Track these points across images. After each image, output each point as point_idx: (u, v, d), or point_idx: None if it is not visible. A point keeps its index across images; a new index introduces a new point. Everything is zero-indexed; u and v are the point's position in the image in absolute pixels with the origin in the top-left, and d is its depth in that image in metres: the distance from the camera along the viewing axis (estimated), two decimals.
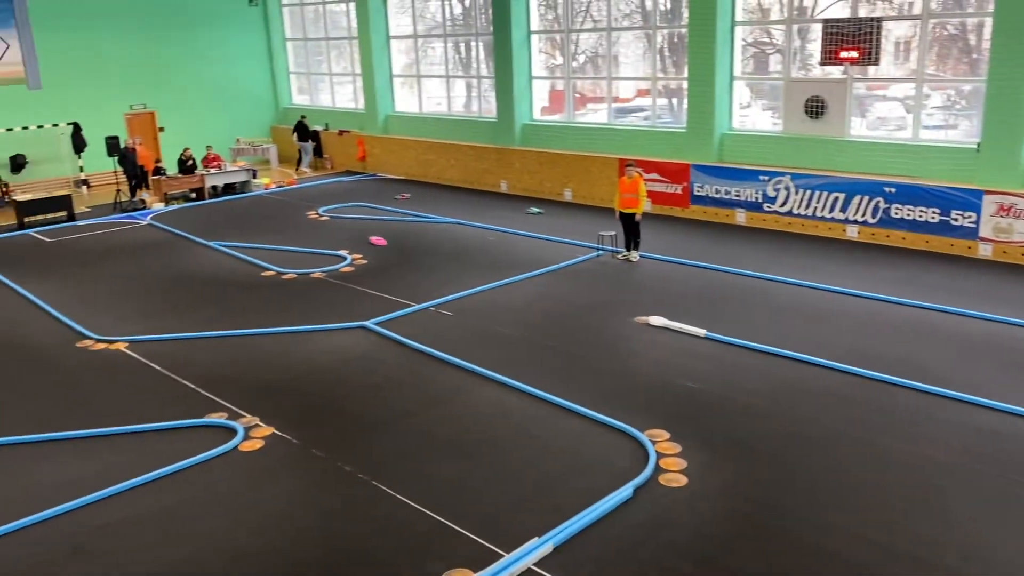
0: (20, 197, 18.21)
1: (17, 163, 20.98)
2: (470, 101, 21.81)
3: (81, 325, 11.11)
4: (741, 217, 15.55)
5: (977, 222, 12.75)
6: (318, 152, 24.21)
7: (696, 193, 16.13)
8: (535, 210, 17.21)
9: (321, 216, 17.56)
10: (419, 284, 12.47)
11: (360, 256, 14.12)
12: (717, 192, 15.83)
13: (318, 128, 24.30)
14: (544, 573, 5.68)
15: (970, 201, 12.78)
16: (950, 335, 9.73)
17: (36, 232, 17.21)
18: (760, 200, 15.21)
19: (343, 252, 14.34)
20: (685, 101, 16.54)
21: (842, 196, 14.13)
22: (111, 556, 6.09)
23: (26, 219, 17.71)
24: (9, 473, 7.35)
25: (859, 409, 7.97)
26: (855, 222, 14.09)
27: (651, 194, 15.88)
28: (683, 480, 6.80)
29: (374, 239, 12.80)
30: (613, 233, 13.73)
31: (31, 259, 15.01)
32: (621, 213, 13.40)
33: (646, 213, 13.43)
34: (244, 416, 8.24)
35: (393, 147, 22.52)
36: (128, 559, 6.05)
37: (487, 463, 7.25)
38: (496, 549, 5.94)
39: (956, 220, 12.98)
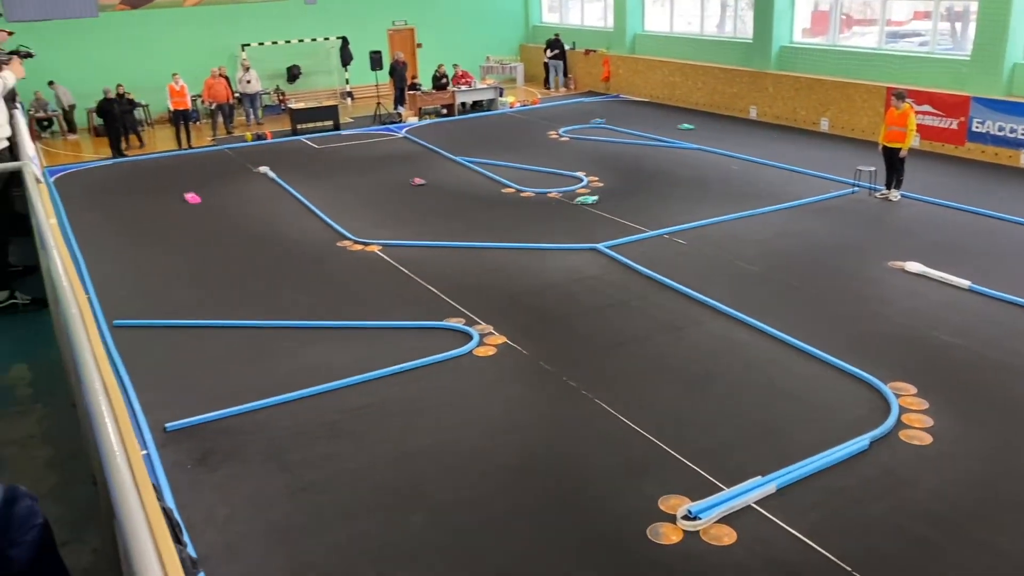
0: (294, 105, 20.01)
1: (293, 74, 22.99)
2: (724, 20, 20.75)
3: (342, 227, 12.13)
4: None
5: None
6: (564, 71, 24.27)
7: (974, 129, 14.42)
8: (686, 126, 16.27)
9: (561, 137, 17.72)
10: (653, 210, 12.30)
11: (596, 179, 14.14)
12: (1000, 130, 14.05)
13: (567, 48, 24.28)
14: (765, 513, 5.55)
15: None
16: None
17: (306, 138, 18.85)
18: None
19: (580, 174, 14.43)
20: (970, 26, 14.68)
21: None
22: (360, 437, 6.73)
23: (298, 126, 19.44)
24: (281, 353, 8.29)
25: None
26: None
27: (921, 128, 14.40)
28: (927, 439, 6.31)
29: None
30: (873, 168, 12.68)
31: (302, 163, 16.50)
32: (885, 147, 12.30)
33: (913, 149, 12.23)
34: (479, 324, 8.68)
35: (639, 68, 22.06)
36: (374, 442, 6.65)
37: (713, 396, 7.14)
38: (715, 481, 5.88)
39: None
